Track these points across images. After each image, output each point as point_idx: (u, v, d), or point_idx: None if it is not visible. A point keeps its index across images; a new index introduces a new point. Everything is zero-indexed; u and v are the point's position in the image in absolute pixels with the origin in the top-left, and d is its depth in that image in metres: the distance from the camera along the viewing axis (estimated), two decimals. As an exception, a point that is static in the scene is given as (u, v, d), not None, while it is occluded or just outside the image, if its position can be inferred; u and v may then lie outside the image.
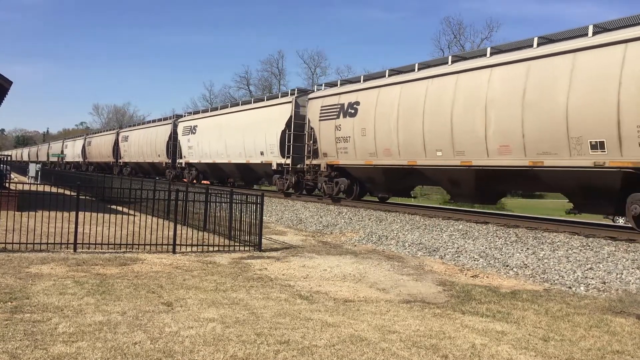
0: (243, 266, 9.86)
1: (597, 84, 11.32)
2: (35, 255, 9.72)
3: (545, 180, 13.19)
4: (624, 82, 10.82)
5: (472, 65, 14.49)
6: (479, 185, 14.83)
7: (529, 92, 12.66)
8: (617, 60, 11.00)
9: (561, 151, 12.05)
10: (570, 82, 11.83)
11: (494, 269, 10.68)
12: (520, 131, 12.82)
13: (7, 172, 27.91)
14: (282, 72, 76.46)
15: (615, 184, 11.41)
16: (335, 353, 5.36)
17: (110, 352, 5.07)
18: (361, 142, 17.87)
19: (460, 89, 14.46)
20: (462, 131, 14.29)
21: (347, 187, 19.50)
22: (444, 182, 16.43)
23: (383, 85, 17.40)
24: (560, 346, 5.98)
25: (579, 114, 11.63)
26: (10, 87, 17.80)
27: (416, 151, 15.79)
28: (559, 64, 12.13)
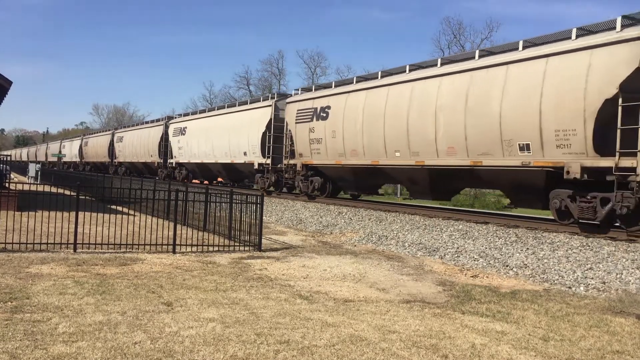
0: (243, 266, 9.87)
1: (524, 94, 12.67)
2: (35, 255, 9.72)
3: (485, 178, 14.72)
4: (545, 92, 12.21)
5: (425, 74, 15.88)
6: (433, 183, 16.27)
7: (470, 100, 14.00)
8: (540, 73, 12.40)
9: (496, 152, 13.47)
10: (503, 91, 13.20)
11: (493, 269, 10.69)
12: (463, 134, 14.20)
13: (7, 172, 27.91)
14: (282, 72, 76.25)
15: (540, 181, 12.90)
16: (335, 353, 5.36)
17: (110, 352, 5.07)
18: (332, 144, 19.30)
19: (415, 95, 15.83)
20: (416, 134, 15.68)
21: (320, 185, 21.02)
22: (404, 180, 18.01)
23: (351, 91, 18.83)
24: (560, 346, 5.98)
25: (510, 119, 13.01)
26: (10, 87, 17.82)
27: (378, 152, 17.19)
28: (494, 75, 13.54)
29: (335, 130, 19.00)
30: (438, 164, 15.21)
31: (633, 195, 10.80)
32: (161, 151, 35.66)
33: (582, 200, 11.96)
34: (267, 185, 23.84)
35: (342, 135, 18.68)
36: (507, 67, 13.28)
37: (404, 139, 16.08)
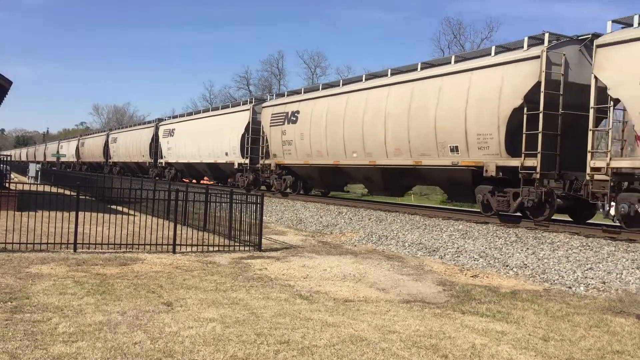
0: (243, 266, 9.87)
1: (454, 102, 14.55)
2: (35, 255, 9.72)
3: (425, 175, 16.74)
4: (469, 102, 14.12)
5: (377, 83, 17.89)
6: (385, 180, 18.23)
7: (412, 107, 15.96)
8: (466, 84, 14.33)
9: (433, 153, 15.43)
10: (438, 100, 15.12)
11: (493, 269, 10.69)
12: (407, 137, 16.16)
13: (7, 172, 27.92)
14: (282, 72, 76.48)
15: (468, 178, 14.81)
16: (335, 353, 5.36)
17: (110, 352, 5.07)
18: (300, 145, 21.20)
19: (369, 102, 17.77)
20: (370, 137, 17.60)
21: (292, 183, 22.87)
22: (361, 178, 19.91)
23: (316, 98, 20.90)
24: (560, 346, 5.98)
25: (443, 124, 14.90)
26: (10, 87, 17.81)
27: (339, 153, 19.18)
28: (431, 85, 15.51)
29: (304, 133, 20.83)
30: (387, 164, 17.21)
31: (534, 189, 12.83)
32: (152, 151, 37.43)
33: (499, 194, 13.90)
34: (247, 183, 25.62)
35: (309, 138, 20.54)
36: (441, 79, 15.24)
37: (359, 142, 18.06)
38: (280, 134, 22.41)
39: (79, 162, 56.71)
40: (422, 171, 16.34)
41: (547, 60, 12.56)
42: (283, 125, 22.25)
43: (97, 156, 50.34)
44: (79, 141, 58.83)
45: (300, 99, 22.02)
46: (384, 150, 17.04)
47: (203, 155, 29.68)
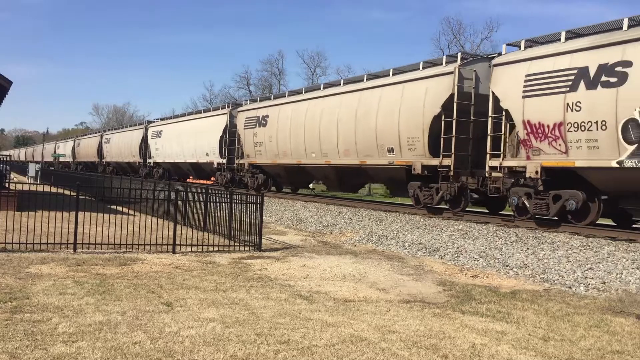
0: (243, 266, 9.86)
1: (391, 109, 16.91)
2: (35, 255, 9.72)
3: (370, 174, 19.11)
4: (402, 109, 16.51)
5: (332, 92, 20.45)
6: (339, 178, 20.69)
7: (359, 113, 18.29)
8: (400, 95, 16.75)
9: (374, 154, 17.71)
10: (378, 108, 17.45)
11: (494, 269, 10.68)
12: (354, 140, 18.52)
13: (7, 172, 27.93)
14: (282, 72, 76.16)
15: (402, 176, 17.08)
16: (335, 353, 5.36)
17: (110, 352, 5.07)
18: (269, 146, 23.53)
19: (325, 109, 20.22)
20: (325, 139, 19.98)
21: (263, 181, 25.13)
22: (320, 176, 22.34)
23: (282, 104, 23.44)
24: (560, 346, 5.98)
25: (382, 129, 17.23)
26: (10, 87, 17.81)
27: (301, 153, 21.42)
28: (374, 95, 17.89)
29: (272, 135, 23.20)
30: (339, 163, 19.55)
31: (450, 185, 15.10)
32: (142, 152, 39.69)
33: (425, 189, 16.27)
34: (225, 181, 27.69)
35: (276, 140, 22.91)
36: (381, 89, 17.69)
37: (317, 143, 20.40)
38: (252, 136, 24.78)
39: (75, 162, 58.86)
40: (367, 170, 18.69)
41: (459, 75, 14.85)
42: (255, 128, 24.65)
43: (91, 156, 52.74)
44: (74, 142, 61.12)
45: (269, 104, 24.61)
46: (337, 151, 19.46)
47: (187, 156, 32.01)
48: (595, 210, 12.40)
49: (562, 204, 12.59)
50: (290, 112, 22.29)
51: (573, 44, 12.35)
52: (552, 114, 12.36)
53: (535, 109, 12.76)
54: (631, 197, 11.94)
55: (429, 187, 16.12)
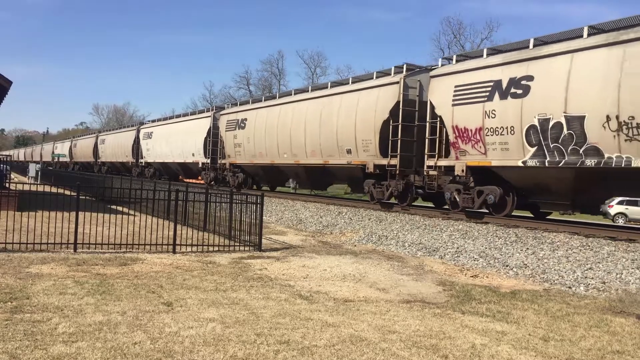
0: (243, 266, 9.86)
1: (349, 114, 18.83)
2: (35, 255, 9.72)
3: (332, 172, 20.87)
4: (358, 114, 18.39)
5: (301, 97, 22.52)
6: (309, 176, 22.45)
7: (323, 117, 20.15)
8: (356, 101, 18.74)
9: (336, 154, 19.60)
10: (339, 112, 19.35)
11: (493, 269, 10.68)
12: (319, 141, 20.31)
13: (7, 172, 27.93)
14: (282, 72, 76.44)
15: (359, 174, 18.84)
16: (335, 353, 5.36)
17: (110, 352, 5.07)
18: (248, 147, 25.38)
19: (294, 113, 22.11)
20: (295, 141, 21.77)
21: (243, 180, 26.85)
22: (292, 175, 24.18)
23: (259, 108, 25.36)
24: (560, 346, 5.98)
25: (342, 132, 19.14)
26: (10, 87, 17.81)
27: (275, 154, 23.27)
28: (335, 101, 19.86)
29: (250, 137, 25.07)
30: (307, 163, 21.26)
31: (397, 182, 17.03)
32: (134, 152, 41.39)
33: (378, 186, 18.06)
34: (209, 180, 29.30)
35: (253, 141, 24.79)
36: (341, 96, 19.66)
37: (288, 145, 22.25)
38: (232, 137, 26.70)
39: (72, 161, 60.74)
40: (330, 169, 20.57)
41: (404, 85, 16.78)
42: (235, 131, 26.55)
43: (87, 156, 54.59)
44: (72, 142, 63.20)
45: (247, 108, 26.51)
46: (305, 152, 21.26)
47: (175, 156, 33.90)
48: (510, 204, 14.34)
49: (484, 198, 14.50)
50: (266, 115, 24.22)
51: (491, 60, 14.18)
52: (474, 120, 14.29)
53: (461, 116, 14.71)
54: (537, 191, 13.84)
55: (380, 185, 17.99)
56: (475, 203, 14.76)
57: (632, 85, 10.86)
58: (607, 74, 11.36)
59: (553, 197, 13.50)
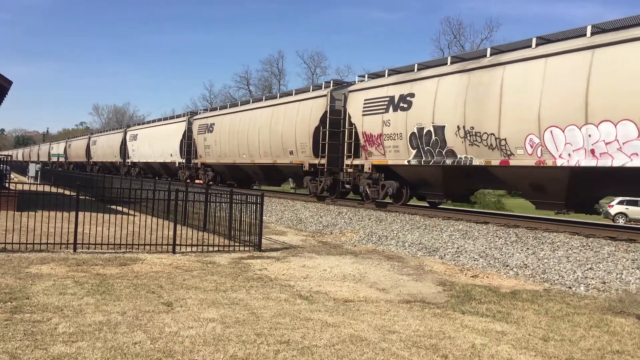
0: (243, 266, 9.86)
1: (291, 121, 22.25)
2: (35, 255, 9.72)
3: (281, 170, 24.45)
4: (297, 122, 21.82)
5: (257, 105, 26.40)
6: (264, 174, 26.30)
7: (272, 123, 23.75)
8: (296, 110, 22.18)
9: (281, 155, 23.14)
10: (284, 119, 22.87)
11: (494, 269, 10.68)
12: (269, 144, 23.87)
13: (7, 172, 27.93)
14: (282, 72, 76.58)
15: (300, 172, 22.12)
16: (335, 353, 5.36)
17: (110, 352, 5.07)
18: (215, 149, 29.00)
19: (251, 119, 25.72)
20: (251, 143, 25.41)
21: (212, 177, 30.09)
22: (252, 173, 27.61)
23: (224, 114, 29.00)
24: (560, 346, 5.98)
25: (286, 136, 22.54)
26: (10, 87, 17.80)
27: (236, 154, 26.89)
28: (281, 109, 23.47)
29: (217, 140, 28.69)
30: (260, 162, 24.89)
31: (325, 177, 20.59)
32: (122, 153, 44.93)
33: (312, 182, 21.48)
34: (185, 177, 32.49)
35: (220, 143, 28.36)
36: (285, 105, 23.30)
37: (246, 147, 25.85)
38: (203, 140, 30.35)
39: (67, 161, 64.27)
40: (278, 167, 24.02)
41: (331, 97, 20.42)
42: (205, 134, 30.19)
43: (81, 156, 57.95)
44: (66, 143, 66.69)
45: (216, 114, 30.14)
46: (259, 153, 24.82)
47: (157, 156, 37.21)
48: (405, 195, 17.85)
49: (385, 190, 17.95)
50: (229, 121, 27.80)
51: (388, 80, 17.69)
52: (376, 128, 17.68)
53: (369, 124, 18.06)
54: (421, 185, 17.37)
55: (315, 180, 21.33)
56: (380, 194, 18.15)
57: (472, 103, 14.25)
58: (458, 94, 14.66)
59: (432, 188, 17.00)
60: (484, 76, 14.06)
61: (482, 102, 13.94)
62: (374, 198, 18.27)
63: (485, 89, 13.90)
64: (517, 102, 13.07)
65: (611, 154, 11.26)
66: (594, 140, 11.55)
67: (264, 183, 28.25)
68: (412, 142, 16.24)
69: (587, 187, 12.91)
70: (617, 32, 11.55)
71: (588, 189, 13.01)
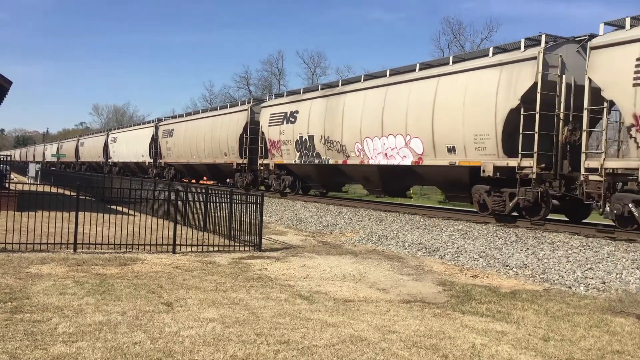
0: (243, 266, 9.86)
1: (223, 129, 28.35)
2: (35, 255, 9.72)
3: (220, 168, 29.46)
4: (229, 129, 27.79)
5: (202, 116, 32.46)
6: (210, 172, 31.67)
7: (212, 131, 29.67)
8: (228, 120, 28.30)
9: (220, 156, 28.75)
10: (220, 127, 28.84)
11: (493, 269, 10.68)
12: (211, 147, 29.69)
13: (7, 172, 27.93)
14: (282, 72, 76.41)
15: (231, 169, 27.76)
16: (335, 353, 5.36)
17: (110, 352, 5.07)
18: (175, 150, 34.97)
19: (201, 127, 31.52)
20: (200, 146, 31.16)
21: (174, 175, 35.83)
22: (201, 171, 33.00)
23: (181, 122, 35.23)
24: (560, 346, 5.98)
25: (221, 141, 28.53)
26: (10, 87, 17.80)
27: (189, 155, 32.80)
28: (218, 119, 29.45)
29: (175, 143, 34.74)
30: (205, 162, 30.56)
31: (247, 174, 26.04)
32: (104, 153, 50.62)
33: (240, 177, 26.92)
34: (154, 175, 37.52)
35: (177, 146, 34.43)
36: (222, 117, 29.21)
37: (195, 149, 31.83)
38: (166, 143, 36.60)
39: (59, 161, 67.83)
40: (218, 165, 29.44)
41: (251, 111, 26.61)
42: (167, 138, 36.26)
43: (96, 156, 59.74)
44: (59, 144, 72.36)
45: (175, 121, 36.78)
46: (204, 154, 30.68)
47: (132, 156, 43.31)
48: (298, 186, 23.76)
49: (284, 183, 23.63)
50: (184, 128, 33.98)
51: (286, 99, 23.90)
52: (276, 135, 23.63)
53: (272, 133, 23.93)
54: (307, 179, 23.28)
55: (242, 176, 26.76)
56: (281, 186, 23.76)
57: (329, 119, 20.17)
58: (322, 113, 20.64)
59: (313, 181, 23.22)
60: (334, 101, 20.19)
61: (334, 118, 19.88)
62: (278, 189, 24.02)
63: (336, 110, 19.87)
64: (351, 119, 18.92)
65: (394, 156, 17.12)
66: (386, 147, 17.35)
67: (210, 178, 32.82)
68: (297, 147, 22.15)
69: (391, 178, 18.49)
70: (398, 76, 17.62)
71: (392, 179, 18.60)
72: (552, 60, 13.01)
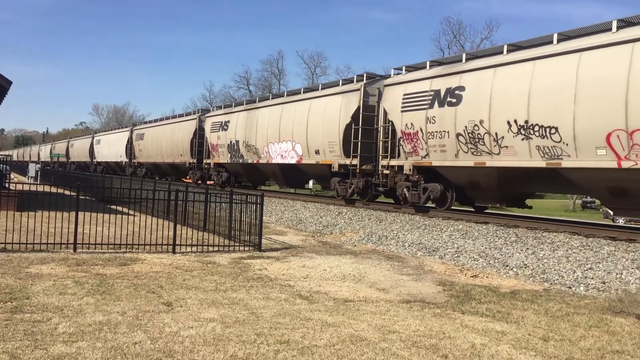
0: (243, 266, 9.86)
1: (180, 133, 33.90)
2: (35, 255, 9.72)
3: (177, 166, 34.11)
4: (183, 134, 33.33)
5: (166, 122, 37.07)
6: (172, 170, 35.89)
7: (172, 135, 34.53)
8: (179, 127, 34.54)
9: (177, 157, 33.41)
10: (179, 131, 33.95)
11: (493, 269, 10.68)
12: (171, 149, 34.65)
13: (7, 172, 27.93)
14: (282, 72, 76.53)
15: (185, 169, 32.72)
16: (335, 353, 5.36)
17: (110, 352, 5.07)
18: (145, 151, 39.79)
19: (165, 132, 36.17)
20: (163, 148, 36.12)
21: (145, 173, 40.01)
22: (165, 169, 37.38)
23: (148, 127, 40.61)
24: (560, 346, 5.98)
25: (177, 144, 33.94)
26: (10, 87, 17.79)
27: (155, 156, 37.55)
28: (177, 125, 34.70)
29: (146, 144, 39.55)
30: (167, 161, 35.42)
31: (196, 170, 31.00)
32: (91, 153, 55.78)
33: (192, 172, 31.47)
34: (130, 173, 41.46)
35: (147, 148, 39.26)
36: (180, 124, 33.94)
37: (159, 150, 36.67)
38: (138, 145, 41.32)
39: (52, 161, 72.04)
40: (176, 165, 34.17)
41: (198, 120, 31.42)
42: (139, 141, 41.04)
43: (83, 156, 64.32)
44: (52, 145, 76.69)
45: (146, 127, 41.56)
46: (167, 155, 35.41)
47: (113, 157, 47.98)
48: (233, 181, 27.78)
49: (222, 178, 28.11)
50: (152, 132, 38.84)
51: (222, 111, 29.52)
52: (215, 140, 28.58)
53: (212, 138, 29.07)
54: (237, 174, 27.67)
55: (193, 171, 31.13)
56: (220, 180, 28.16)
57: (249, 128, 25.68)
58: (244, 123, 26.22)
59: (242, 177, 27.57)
60: (253, 114, 25.55)
61: (252, 127, 25.14)
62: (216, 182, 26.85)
63: (253, 120, 25.22)
64: (262, 128, 24.25)
65: (286, 157, 22.43)
66: (282, 150, 22.68)
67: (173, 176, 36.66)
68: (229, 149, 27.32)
69: (287, 173, 23.53)
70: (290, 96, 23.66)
71: (289, 174, 23.55)
72: (372, 90, 18.75)
